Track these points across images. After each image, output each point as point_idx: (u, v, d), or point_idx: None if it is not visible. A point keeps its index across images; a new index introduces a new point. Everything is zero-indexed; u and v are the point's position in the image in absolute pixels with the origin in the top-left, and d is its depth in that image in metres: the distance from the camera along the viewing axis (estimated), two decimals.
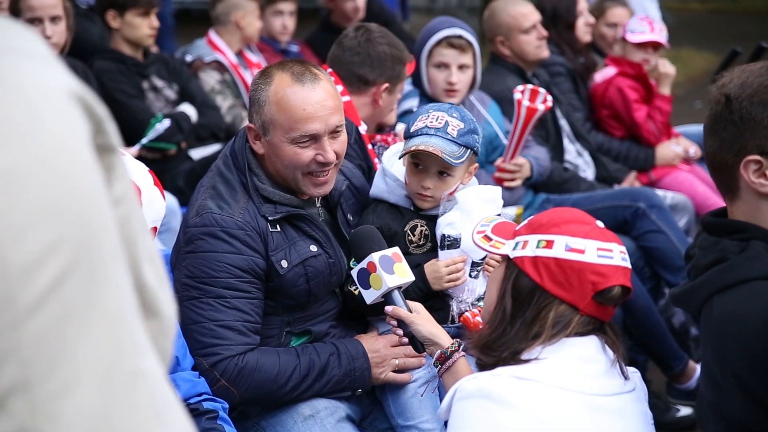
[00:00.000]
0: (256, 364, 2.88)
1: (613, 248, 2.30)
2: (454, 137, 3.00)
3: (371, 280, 2.72)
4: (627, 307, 4.42)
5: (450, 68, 4.45)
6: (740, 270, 2.14)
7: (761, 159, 2.15)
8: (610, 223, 4.66)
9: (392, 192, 3.13)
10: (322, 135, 2.90)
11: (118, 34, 5.55)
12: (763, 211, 2.19)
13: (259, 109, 2.93)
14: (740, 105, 2.15)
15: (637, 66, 5.68)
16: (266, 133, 2.93)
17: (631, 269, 2.34)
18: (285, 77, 2.91)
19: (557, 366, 2.26)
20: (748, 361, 2.08)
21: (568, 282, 2.25)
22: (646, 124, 5.68)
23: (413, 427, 2.99)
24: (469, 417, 2.26)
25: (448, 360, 2.58)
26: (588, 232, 2.29)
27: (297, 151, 2.90)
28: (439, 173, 3.05)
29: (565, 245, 2.27)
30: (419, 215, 3.12)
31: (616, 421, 2.29)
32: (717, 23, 14.29)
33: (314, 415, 2.95)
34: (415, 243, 3.11)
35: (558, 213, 2.39)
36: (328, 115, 2.90)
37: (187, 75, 5.85)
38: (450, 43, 4.45)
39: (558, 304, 2.27)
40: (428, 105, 3.14)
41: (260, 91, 2.93)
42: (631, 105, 5.67)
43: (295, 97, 2.88)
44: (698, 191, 5.53)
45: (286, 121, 2.89)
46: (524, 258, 2.31)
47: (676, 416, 4.70)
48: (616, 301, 2.30)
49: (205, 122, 5.69)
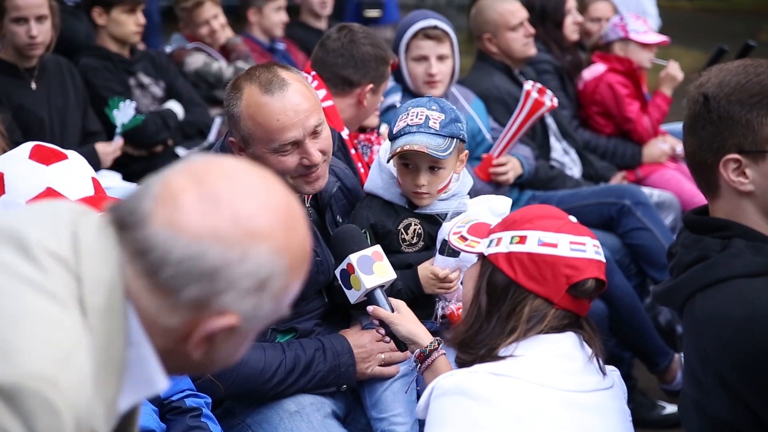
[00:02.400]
0: (242, 359, 2.87)
1: (586, 242, 2.32)
2: (437, 130, 2.99)
3: (351, 281, 2.73)
4: (612, 304, 4.43)
5: (429, 60, 4.48)
6: (722, 268, 2.15)
7: (740, 157, 2.16)
8: (595, 220, 4.73)
9: (387, 189, 3.12)
10: (302, 139, 2.88)
11: (105, 31, 5.54)
12: (744, 208, 2.20)
13: (235, 124, 2.91)
14: (718, 104, 2.16)
15: (626, 62, 5.69)
16: (248, 146, 2.92)
17: (608, 263, 2.35)
18: (253, 90, 2.87)
19: (534, 362, 2.27)
20: (729, 360, 2.09)
21: (542, 276, 2.27)
22: (640, 119, 5.70)
23: (385, 420, 2.99)
24: (446, 414, 2.27)
25: (427, 359, 2.60)
26: (560, 227, 2.31)
27: (281, 159, 2.89)
28: (430, 168, 3.04)
29: (537, 240, 2.29)
30: (414, 213, 3.12)
31: (594, 417, 2.30)
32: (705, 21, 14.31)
33: (300, 411, 2.95)
34: (408, 242, 3.10)
35: (531, 210, 2.40)
36: (303, 119, 2.87)
37: (174, 72, 5.84)
38: (426, 35, 4.49)
39: (533, 298, 2.29)
40: (406, 103, 3.12)
41: (233, 107, 2.91)
42: (623, 100, 5.68)
43: (267, 109, 2.85)
44: (684, 189, 5.55)
45: (263, 134, 2.87)
46: (498, 254, 2.33)
47: (662, 414, 4.71)
48: (591, 294, 2.32)
49: (191, 120, 5.68)
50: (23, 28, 4.76)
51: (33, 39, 4.78)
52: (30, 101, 4.91)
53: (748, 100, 2.13)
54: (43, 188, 2.48)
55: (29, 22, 4.76)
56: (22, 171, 2.49)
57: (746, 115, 2.13)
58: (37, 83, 4.97)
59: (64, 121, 5.03)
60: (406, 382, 3.00)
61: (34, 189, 2.48)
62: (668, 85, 5.79)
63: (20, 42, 4.80)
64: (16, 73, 4.92)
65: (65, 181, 2.53)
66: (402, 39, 4.50)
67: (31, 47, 4.81)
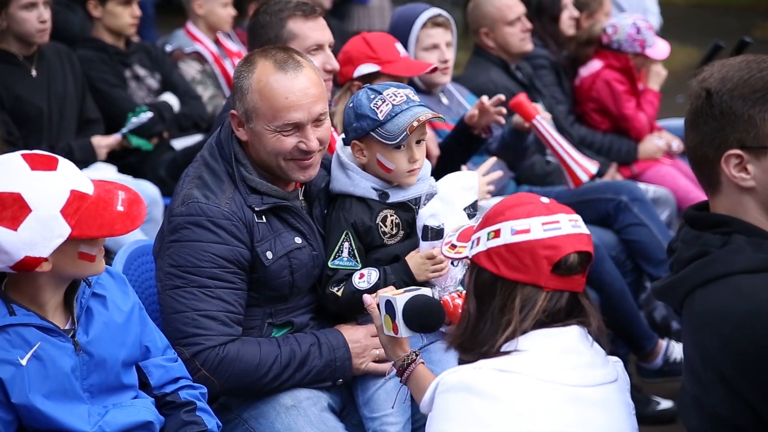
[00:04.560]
0: (237, 355, 2.88)
1: (560, 219, 2.31)
2: (420, 101, 3.05)
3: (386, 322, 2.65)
4: (602, 290, 4.46)
5: (440, 47, 4.51)
6: (722, 264, 2.14)
7: (742, 153, 2.15)
8: (592, 216, 4.74)
9: (357, 185, 3.08)
10: (305, 123, 2.90)
11: (100, 24, 5.55)
12: (745, 204, 2.19)
13: (241, 97, 2.92)
14: (721, 99, 2.15)
15: (623, 58, 5.69)
16: (249, 121, 2.92)
17: (598, 251, 2.35)
18: (268, 65, 2.90)
19: (539, 358, 2.27)
20: (729, 356, 2.08)
21: (522, 264, 2.27)
22: (637, 116, 5.70)
23: (377, 419, 2.99)
24: (450, 410, 2.27)
25: (405, 370, 2.62)
26: (530, 211, 2.31)
27: (280, 139, 2.90)
28: (417, 143, 3.06)
29: (510, 230, 2.29)
30: (387, 204, 3.10)
31: (599, 411, 2.29)
32: (699, 18, 14.30)
33: (296, 405, 2.95)
34: (388, 234, 3.09)
35: (503, 202, 2.41)
36: (311, 103, 2.89)
37: (170, 65, 5.84)
38: (435, 23, 4.52)
39: (521, 288, 2.28)
40: (361, 95, 3.08)
41: (243, 79, 2.92)
42: (621, 97, 5.68)
43: (278, 85, 2.88)
44: (680, 185, 5.57)
45: (268, 109, 2.88)
46: (479, 254, 2.34)
47: (657, 409, 4.73)
48: (578, 268, 2.30)
49: (187, 112, 5.67)
50: (34, 14, 4.84)
51: (44, 24, 4.85)
52: (29, 90, 4.93)
53: (751, 95, 2.13)
54: (67, 192, 2.45)
55: (39, 7, 4.81)
56: (36, 184, 2.43)
57: (749, 110, 2.13)
58: (38, 70, 4.99)
59: (63, 110, 5.05)
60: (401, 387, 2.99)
61: (60, 196, 2.44)
62: (655, 81, 5.80)
63: (31, 28, 4.85)
64: (16, 62, 4.93)
65: (79, 179, 2.51)
66: (412, 31, 4.49)
67: (41, 33, 4.86)
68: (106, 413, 2.57)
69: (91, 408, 2.55)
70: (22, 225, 2.40)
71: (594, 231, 4.74)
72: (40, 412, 2.46)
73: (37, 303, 2.53)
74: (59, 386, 2.50)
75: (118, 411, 2.60)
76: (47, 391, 2.48)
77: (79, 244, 2.47)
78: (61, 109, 5.03)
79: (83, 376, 2.55)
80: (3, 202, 2.40)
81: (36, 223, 2.40)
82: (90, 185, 2.51)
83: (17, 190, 2.41)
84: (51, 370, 2.48)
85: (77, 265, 2.50)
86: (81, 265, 2.51)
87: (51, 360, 2.49)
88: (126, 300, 2.69)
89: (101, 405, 2.58)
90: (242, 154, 2.98)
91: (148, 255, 3.24)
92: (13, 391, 2.44)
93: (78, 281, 2.59)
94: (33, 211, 2.40)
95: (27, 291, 2.52)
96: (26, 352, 2.46)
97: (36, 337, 2.49)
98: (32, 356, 2.46)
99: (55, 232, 2.42)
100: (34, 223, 2.40)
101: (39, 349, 2.48)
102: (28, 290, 2.52)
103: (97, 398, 2.58)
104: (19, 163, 2.46)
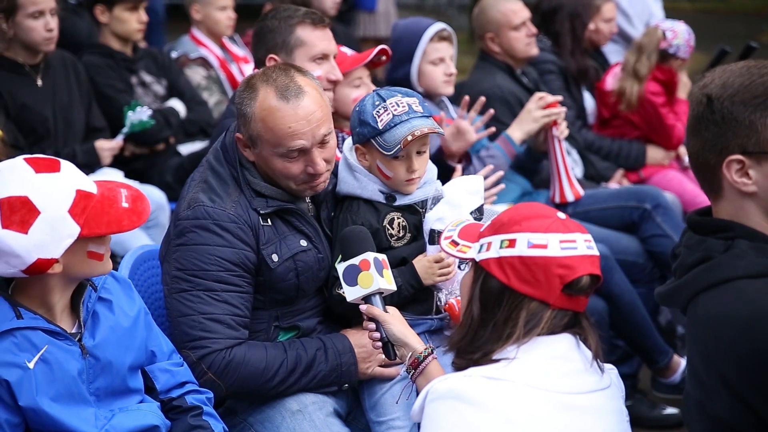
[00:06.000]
0: (243, 358, 2.88)
1: (577, 238, 2.30)
2: (423, 112, 3.04)
3: (360, 278, 2.68)
4: (612, 301, 4.44)
5: (446, 61, 4.58)
6: (725, 269, 2.15)
7: (743, 158, 2.16)
8: (617, 224, 4.80)
9: (365, 188, 3.09)
10: (310, 148, 2.90)
11: (107, 29, 5.55)
12: (747, 209, 2.20)
13: (245, 123, 2.92)
14: (722, 105, 2.16)
15: (668, 71, 5.66)
16: (255, 146, 2.94)
17: (608, 261, 2.35)
18: (269, 93, 2.88)
19: (529, 365, 2.26)
20: (733, 362, 2.09)
21: (535, 279, 2.26)
22: (677, 126, 5.68)
23: (384, 423, 2.99)
24: (440, 418, 2.26)
25: (420, 364, 2.57)
26: (549, 226, 2.30)
27: (287, 165, 2.91)
28: (417, 153, 3.06)
29: (527, 242, 2.28)
30: (394, 207, 3.11)
31: (590, 419, 2.29)
32: (706, 23, 14.28)
33: (302, 410, 2.95)
34: (395, 236, 3.10)
35: (518, 210, 2.39)
36: (314, 128, 2.89)
37: (176, 70, 5.84)
38: (441, 37, 4.60)
39: (528, 302, 2.27)
40: (367, 100, 3.08)
41: (245, 106, 2.92)
42: (660, 110, 5.66)
43: (280, 115, 2.87)
44: (687, 190, 5.56)
45: (272, 138, 2.88)
46: (489, 260, 2.32)
47: (663, 413, 4.71)
48: (586, 290, 2.30)
49: (193, 118, 5.68)
50: (41, 23, 4.81)
51: (51, 32, 4.84)
52: (34, 99, 4.92)
53: (752, 101, 2.14)
54: (73, 192, 2.47)
55: (45, 16, 4.80)
56: (42, 187, 2.45)
57: (750, 116, 2.13)
58: (43, 80, 4.98)
59: (68, 119, 5.05)
60: (406, 393, 2.99)
61: (67, 197, 2.46)
62: (684, 91, 5.80)
63: (37, 37, 4.83)
64: (22, 71, 4.93)
65: (83, 179, 2.53)
66: (419, 44, 4.55)
67: (48, 41, 4.85)
68: (113, 417, 2.58)
69: (97, 411, 2.57)
70: (32, 228, 2.42)
71: (620, 238, 4.81)
72: (47, 415, 2.47)
73: (45, 306, 2.54)
74: (66, 389, 2.51)
75: (125, 415, 2.61)
76: (54, 395, 2.49)
77: (88, 243, 2.50)
78: (66, 119, 5.03)
79: (90, 379, 2.57)
80: (11, 206, 2.42)
81: (45, 224, 2.42)
82: (93, 185, 2.53)
83: (24, 194, 2.43)
84: (58, 374, 2.50)
85: (87, 264, 2.53)
86: (91, 264, 2.53)
87: (58, 363, 2.50)
88: (132, 304, 2.71)
89: (107, 409, 2.60)
90: (246, 159, 2.99)
91: (154, 260, 3.25)
92: (21, 394, 2.45)
93: (84, 285, 2.61)
94: (41, 213, 2.42)
95: (36, 294, 2.54)
96: (33, 356, 2.48)
97: (43, 340, 2.50)
98: (39, 359, 2.48)
99: (65, 232, 2.44)
100: (43, 225, 2.42)
101: (46, 353, 2.49)
102: (36, 293, 2.54)
103: (104, 402, 2.60)
104: (24, 167, 2.48)
